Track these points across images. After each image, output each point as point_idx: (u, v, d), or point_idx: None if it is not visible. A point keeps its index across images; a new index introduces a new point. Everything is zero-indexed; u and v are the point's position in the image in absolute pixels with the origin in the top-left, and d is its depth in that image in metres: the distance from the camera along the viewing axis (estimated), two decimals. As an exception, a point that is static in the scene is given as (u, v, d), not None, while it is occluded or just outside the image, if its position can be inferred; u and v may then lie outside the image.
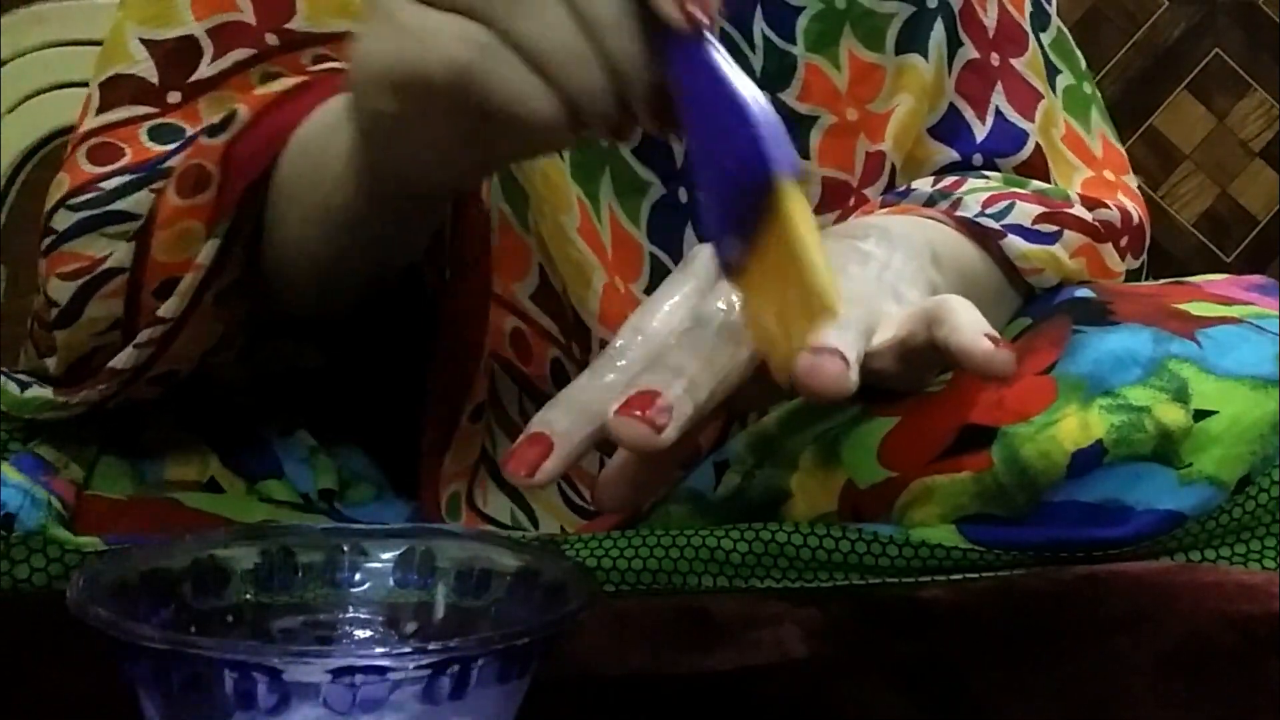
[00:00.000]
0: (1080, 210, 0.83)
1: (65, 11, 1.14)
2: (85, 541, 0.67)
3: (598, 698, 0.58)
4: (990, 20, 0.88)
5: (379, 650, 0.44)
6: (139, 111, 0.77)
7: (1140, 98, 2.31)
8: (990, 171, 0.87)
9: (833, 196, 0.84)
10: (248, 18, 0.77)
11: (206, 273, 0.69)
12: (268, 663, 0.43)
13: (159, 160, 0.73)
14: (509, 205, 0.78)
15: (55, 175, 0.79)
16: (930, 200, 0.81)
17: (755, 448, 0.75)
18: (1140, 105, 2.31)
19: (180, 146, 0.73)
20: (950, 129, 0.87)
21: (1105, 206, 0.84)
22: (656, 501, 0.76)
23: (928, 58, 0.85)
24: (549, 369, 0.80)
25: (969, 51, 0.87)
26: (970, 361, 0.57)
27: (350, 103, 0.60)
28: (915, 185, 0.84)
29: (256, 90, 0.74)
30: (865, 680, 0.60)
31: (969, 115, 0.87)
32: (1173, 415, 0.69)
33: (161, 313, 0.70)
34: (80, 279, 0.72)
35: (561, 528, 0.78)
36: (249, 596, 0.52)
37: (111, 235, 0.72)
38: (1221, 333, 0.72)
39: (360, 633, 0.53)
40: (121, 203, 0.72)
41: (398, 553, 0.53)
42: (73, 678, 0.57)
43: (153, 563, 0.50)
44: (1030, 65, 0.89)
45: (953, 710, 0.58)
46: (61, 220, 0.74)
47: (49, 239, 0.74)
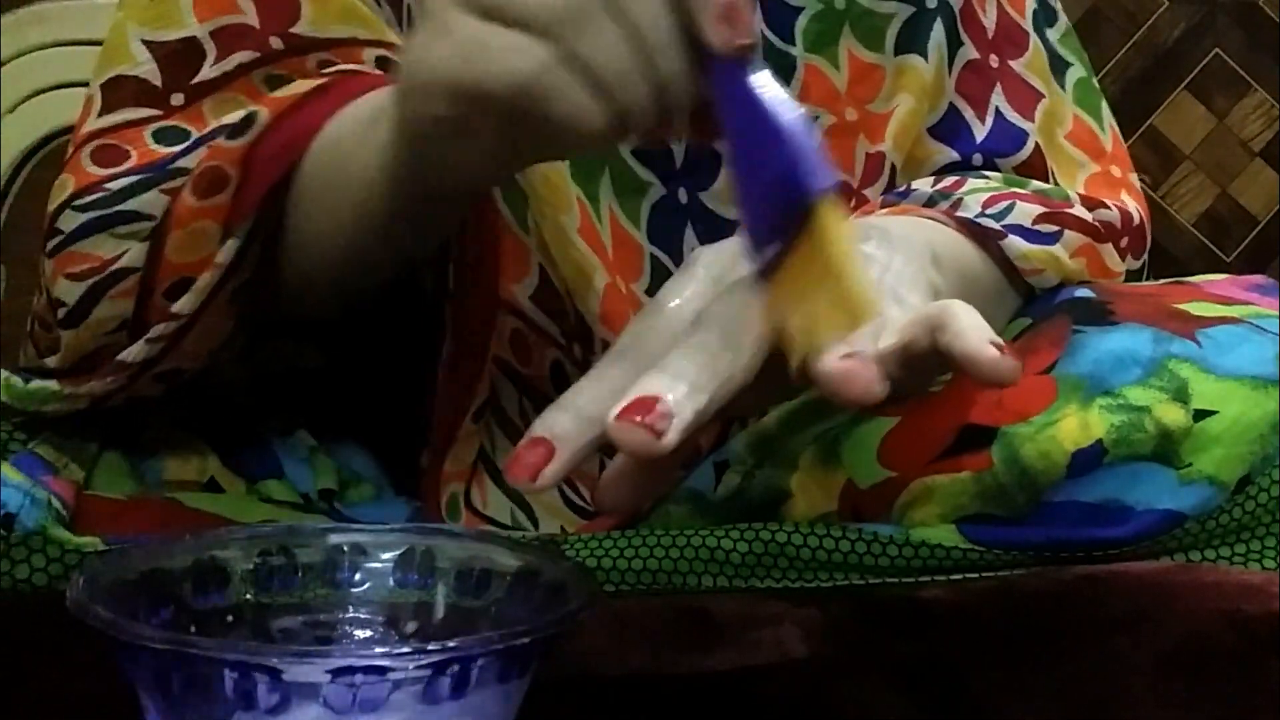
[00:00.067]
0: (1080, 210, 0.82)
1: (65, 11, 1.14)
2: (85, 541, 0.67)
3: (598, 698, 0.58)
4: (990, 21, 0.88)
5: (379, 650, 0.44)
6: (142, 114, 0.77)
7: (1140, 98, 2.31)
8: (990, 171, 0.86)
9: (833, 197, 0.83)
10: (251, 20, 0.77)
11: (225, 272, 0.70)
12: (268, 663, 0.43)
13: (168, 161, 0.73)
14: (509, 207, 0.78)
15: (55, 175, 0.79)
16: (930, 201, 0.81)
17: (755, 448, 0.75)
18: (1140, 105, 2.31)
19: (189, 147, 0.73)
20: (950, 129, 0.87)
21: (1105, 207, 0.84)
22: (656, 501, 0.76)
23: (927, 58, 0.85)
24: (549, 370, 0.80)
25: (969, 51, 0.87)
26: (975, 369, 0.57)
27: (395, 107, 0.61)
28: (915, 185, 0.84)
29: (264, 93, 0.74)
30: (865, 680, 0.60)
31: (969, 115, 0.87)
32: (1173, 415, 0.69)
33: (176, 309, 0.70)
34: (90, 279, 0.72)
35: (561, 528, 0.78)
36: (249, 596, 0.52)
37: (121, 235, 0.72)
38: (1221, 333, 0.72)
39: (360, 633, 0.53)
40: (131, 203, 0.72)
41: (398, 553, 0.53)
42: (73, 678, 0.57)
43: (153, 563, 0.50)
44: (1030, 66, 0.89)
45: (953, 710, 0.58)
46: (68, 221, 0.74)
47: (55, 240, 0.74)
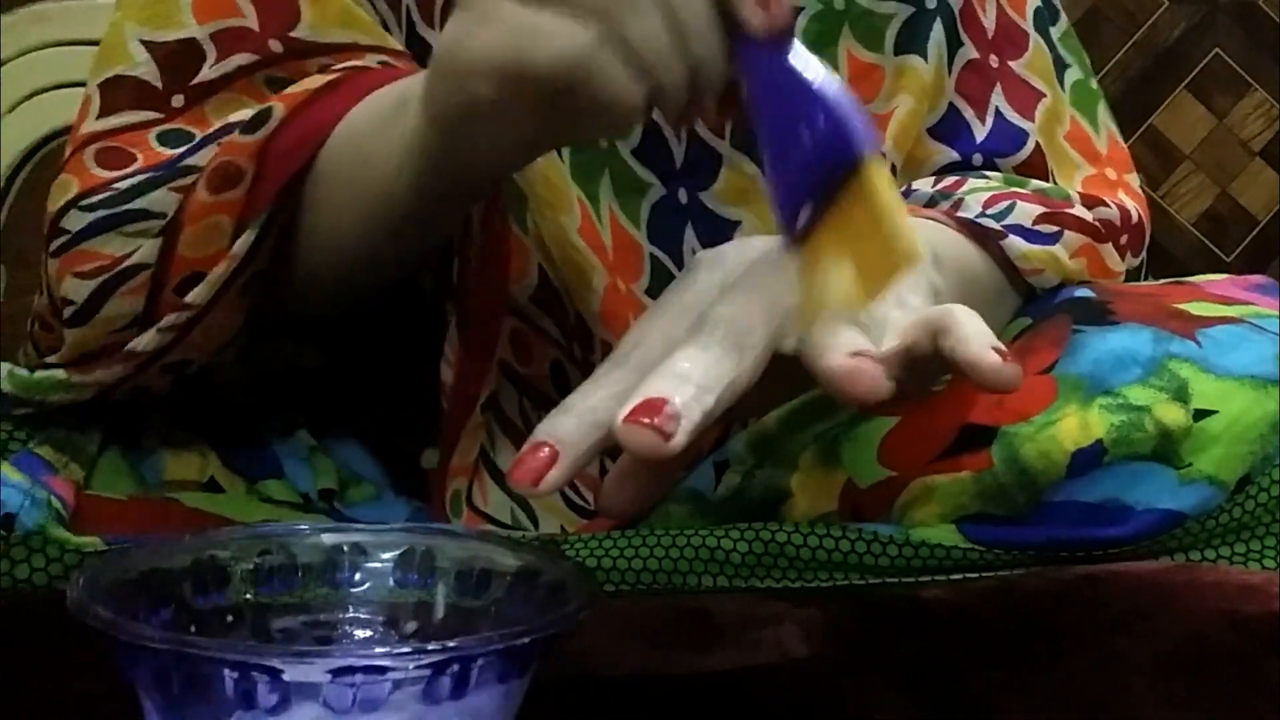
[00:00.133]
0: (1080, 210, 0.82)
1: (65, 11, 1.14)
2: (85, 541, 0.67)
3: (598, 698, 0.58)
4: (989, 21, 0.88)
5: (379, 650, 0.44)
6: (145, 117, 0.77)
7: (1140, 98, 2.31)
8: (990, 171, 0.86)
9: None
10: (251, 23, 0.77)
11: (239, 264, 0.70)
12: (268, 663, 0.43)
13: (176, 159, 0.73)
14: (508, 207, 0.78)
15: (55, 175, 0.79)
16: (931, 201, 0.81)
17: (755, 448, 0.75)
18: (1140, 105, 2.31)
19: (197, 145, 0.73)
20: (950, 129, 0.87)
21: (1105, 205, 0.84)
22: (656, 501, 0.76)
23: (927, 58, 0.85)
24: (549, 370, 0.80)
25: (969, 51, 0.87)
26: (977, 374, 0.57)
27: (427, 94, 0.63)
28: (916, 185, 0.84)
29: (267, 94, 0.74)
30: (865, 680, 0.60)
31: (969, 115, 0.87)
32: (1173, 415, 0.69)
33: (190, 299, 0.71)
34: (99, 277, 0.72)
35: (561, 527, 0.78)
36: (249, 596, 0.52)
37: (130, 234, 0.73)
38: (1221, 332, 0.72)
39: (360, 633, 0.52)
40: (140, 201, 0.73)
41: (398, 553, 0.53)
42: (73, 678, 0.57)
43: (153, 563, 0.50)
44: (1030, 66, 0.89)
45: (953, 710, 0.58)
46: (75, 221, 0.74)
47: (61, 239, 0.74)
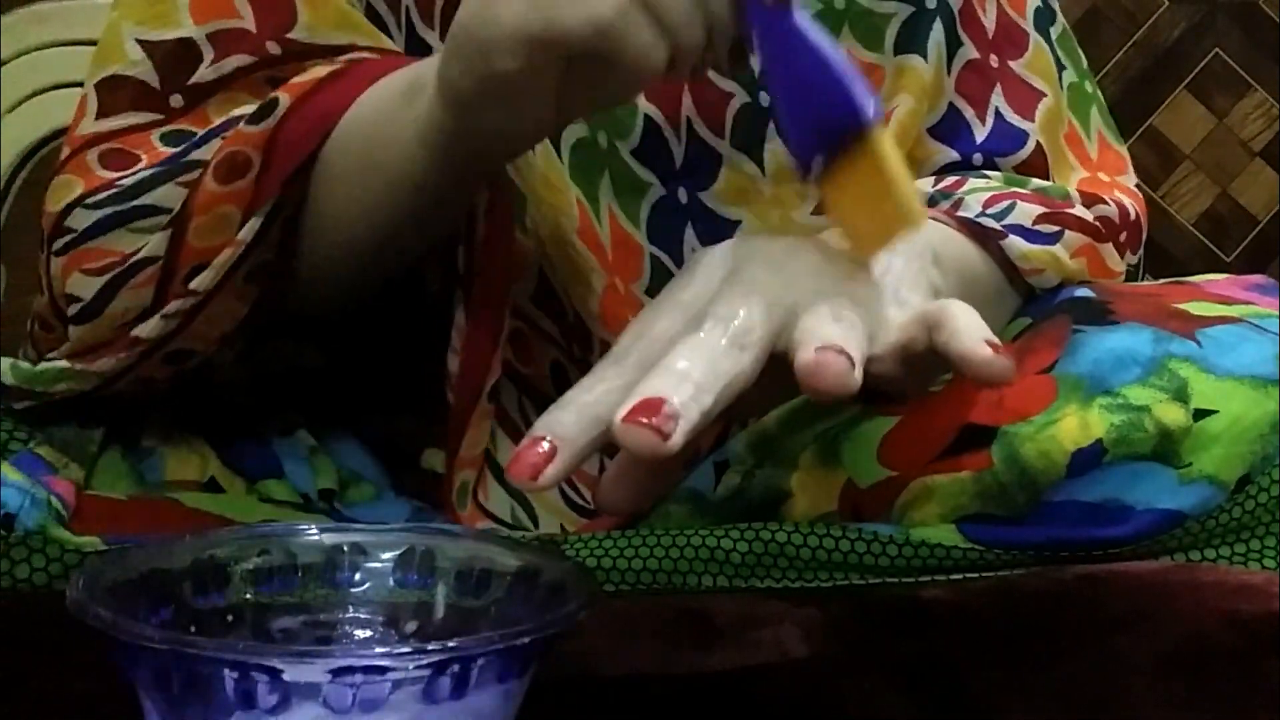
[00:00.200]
0: (1080, 210, 0.82)
1: (65, 11, 1.14)
2: (85, 541, 0.67)
3: (598, 698, 0.58)
4: (989, 21, 0.88)
5: (379, 650, 0.44)
6: (146, 118, 0.77)
7: (1140, 98, 2.31)
8: (990, 171, 0.86)
9: (833, 196, 0.83)
10: (248, 24, 0.77)
11: (244, 250, 0.70)
12: (268, 663, 0.43)
13: (181, 154, 0.73)
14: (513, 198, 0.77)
15: (54, 176, 0.79)
16: (931, 200, 0.81)
17: (755, 448, 0.75)
18: (1140, 105, 2.31)
19: (202, 140, 0.73)
20: (950, 129, 0.87)
21: (1104, 202, 0.84)
22: (656, 501, 0.76)
23: (927, 58, 0.85)
24: (548, 370, 0.80)
25: (969, 51, 0.87)
26: (970, 368, 0.57)
27: (445, 73, 0.64)
28: (916, 185, 0.84)
29: (269, 93, 0.74)
30: (865, 680, 0.60)
31: (969, 115, 0.87)
32: (1172, 415, 0.69)
33: (194, 285, 0.71)
34: (107, 274, 0.73)
35: (561, 526, 0.78)
36: (249, 596, 0.52)
37: (138, 230, 0.73)
38: (1221, 332, 0.72)
39: (360, 633, 0.52)
40: (147, 197, 0.73)
41: (398, 553, 0.53)
42: (73, 678, 0.57)
43: (153, 563, 0.50)
44: (1030, 65, 0.89)
45: (953, 710, 0.58)
46: (80, 219, 0.74)
47: (66, 238, 0.74)
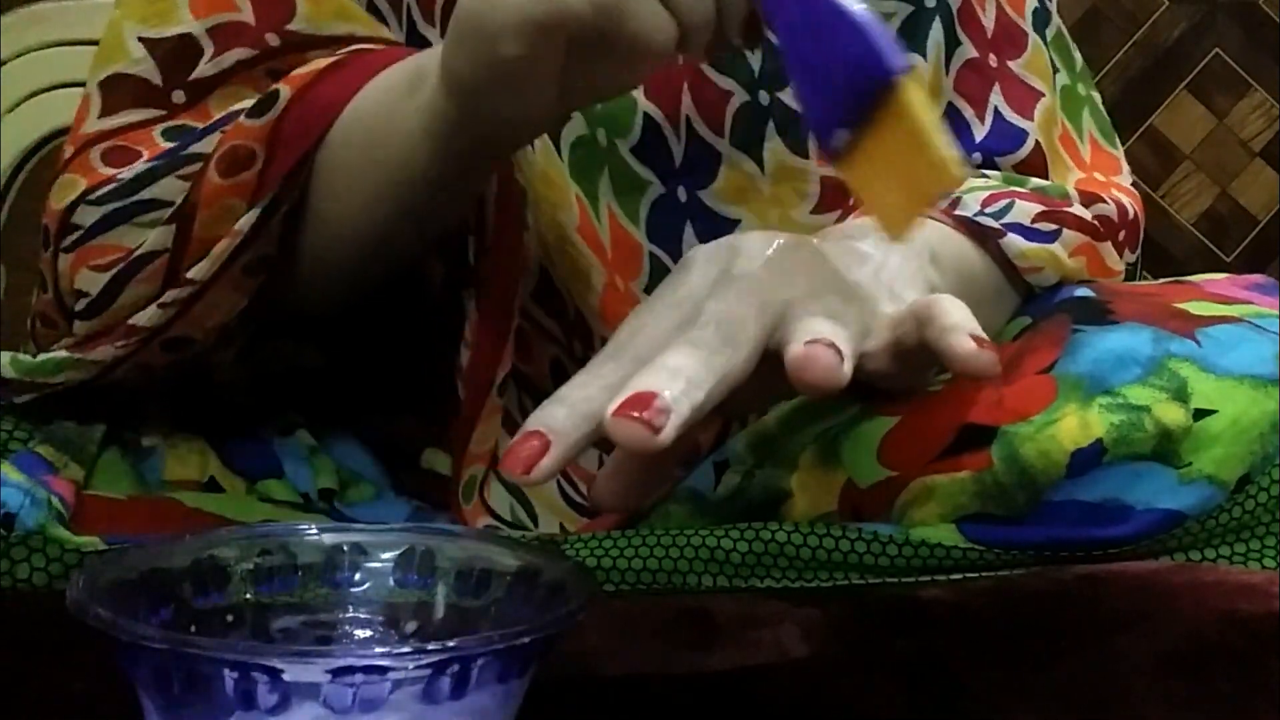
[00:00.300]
0: (1079, 209, 0.82)
1: (65, 11, 1.14)
2: (85, 541, 0.67)
3: (598, 698, 0.58)
4: (988, 21, 0.88)
5: (379, 650, 0.44)
6: (148, 115, 0.77)
7: (1140, 98, 2.31)
8: (989, 170, 0.86)
9: (833, 196, 0.84)
10: (247, 17, 0.77)
11: (242, 241, 0.70)
12: (268, 663, 0.43)
13: (181, 147, 0.73)
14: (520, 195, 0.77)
15: (55, 175, 0.79)
16: (930, 200, 0.81)
17: (755, 448, 0.75)
18: (1140, 105, 2.31)
19: (203, 133, 0.73)
20: (949, 128, 0.87)
21: (1103, 201, 0.84)
22: (656, 501, 0.76)
23: (926, 57, 0.85)
24: (549, 368, 0.80)
25: (967, 50, 0.87)
26: (953, 362, 0.57)
27: (449, 62, 0.63)
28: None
29: (267, 85, 0.74)
30: (865, 680, 0.60)
31: (968, 114, 0.87)
32: (1172, 414, 0.69)
33: (191, 275, 0.71)
34: (114, 269, 0.73)
35: (561, 525, 0.78)
36: (249, 596, 0.52)
37: (143, 225, 0.73)
38: (1221, 332, 0.72)
39: (360, 633, 0.52)
40: (149, 191, 0.73)
41: (398, 553, 0.53)
42: (73, 678, 0.57)
43: (153, 563, 0.50)
44: (1029, 65, 0.89)
45: (953, 710, 0.58)
46: (86, 216, 0.74)
47: (74, 235, 0.74)
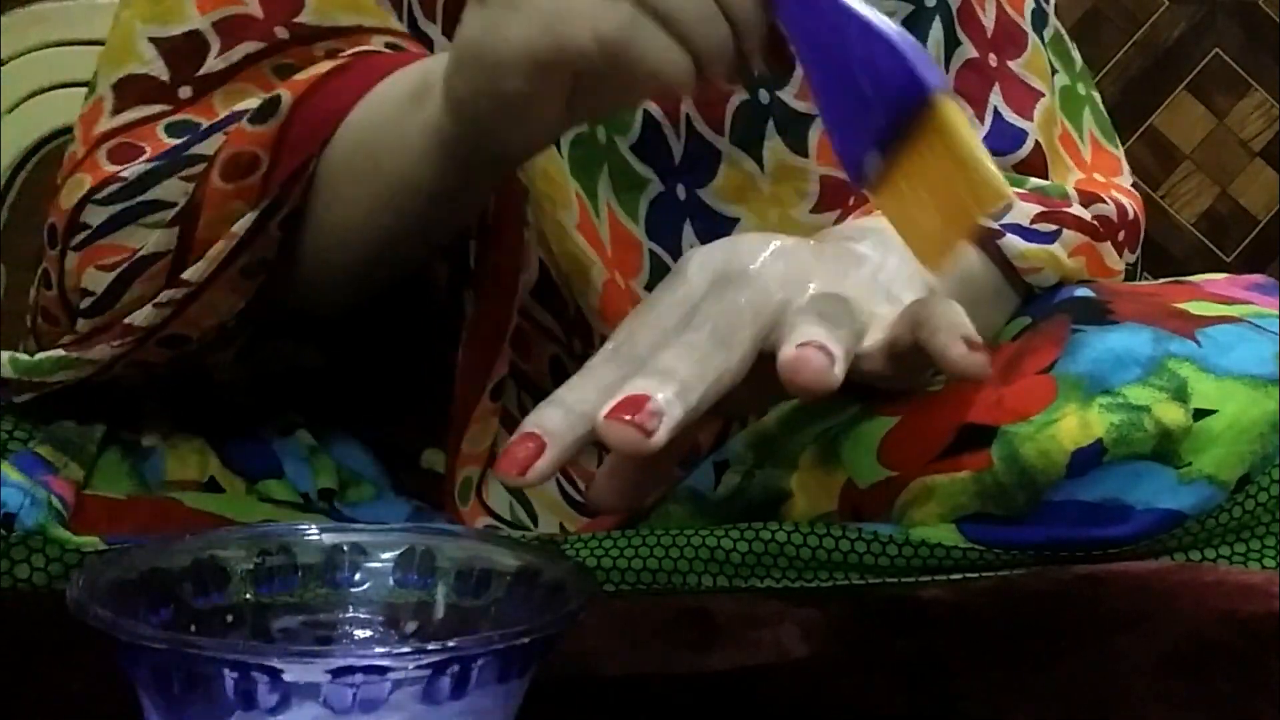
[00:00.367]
0: (1078, 209, 0.82)
1: (65, 11, 1.14)
2: (85, 541, 0.67)
3: (598, 698, 0.58)
4: (988, 20, 0.88)
5: (379, 650, 0.44)
6: (154, 110, 0.77)
7: (1140, 98, 2.31)
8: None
9: (832, 195, 0.83)
10: (254, 11, 0.77)
11: (239, 244, 0.70)
12: (268, 663, 0.43)
13: (182, 148, 0.73)
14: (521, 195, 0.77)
15: (55, 175, 0.79)
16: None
17: (755, 448, 0.75)
18: (1140, 105, 2.31)
19: (203, 134, 0.73)
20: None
21: (1102, 201, 0.84)
22: (656, 501, 0.76)
23: (926, 57, 0.85)
24: (548, 366, 0.80)
25: (967, 50, 0.87)
26: (944, 364, 0.57)
27: (452, 87, 0.62)
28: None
29: (275, 83, 0.74)
30: (865, 680, 0.60)
31: (968, 114, 0.87)
32: (1172, 414, 0.69)
33: (186, 276, 0.71)
34: (118, 269, 0.73)
35: (561, 525, 0.78)
36: (249, 596, 0.52)
37: (148, 225, 0.73)
38: (1221, 332, 0.72)
39: (360, 633, 0.52)
40: (152, 192, 0.73)
41: (398, 553, 0.53)
42: (73, 678, 0.57)
43: (153, 563, 0.50)
44: (1029, 65, 0.89)
45: (953, 710, 0.58)
46: (94, 215, 0.74)
47: (83, 234, 0.74)
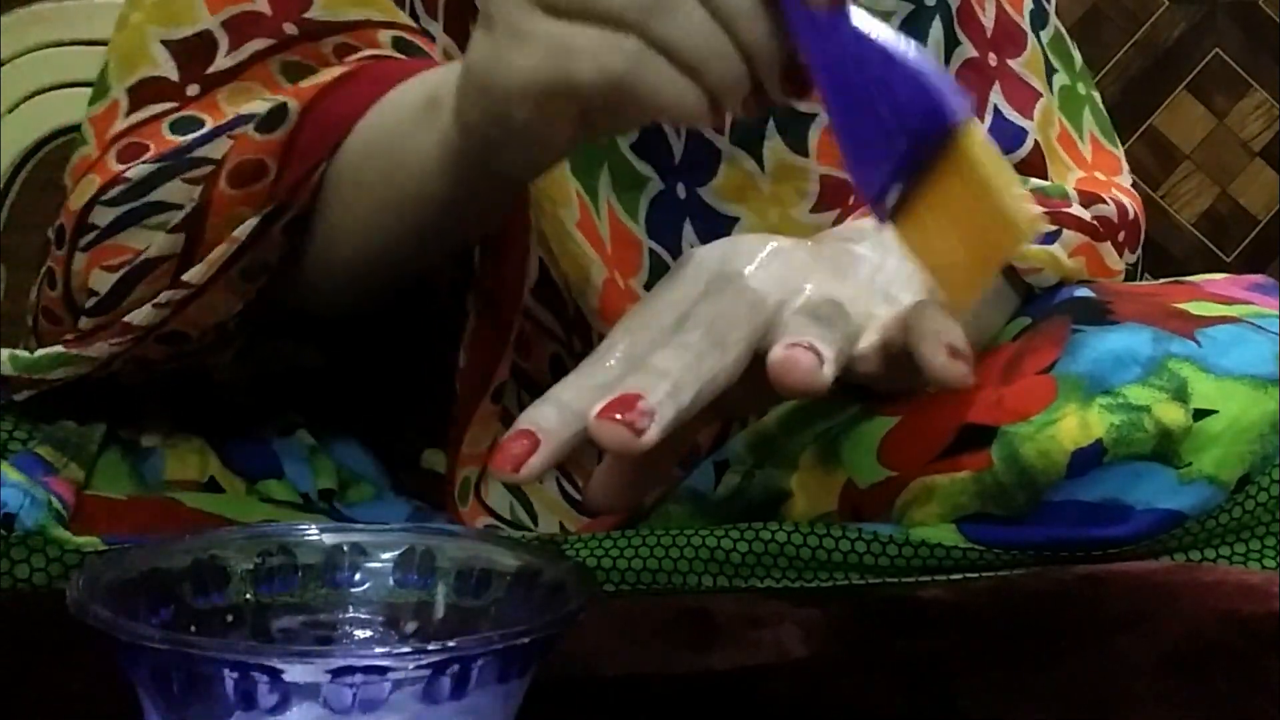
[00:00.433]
0: (1078, 209, 0.82)
1: (65, 11, 1.14)
2: (85, 541, 0.67)
3: (598, 698, 0.58)
4: (988, 20, 0.88)
5: (379, 650, 0.44)
6: (161, 108, 0.77)
7: (1140, 98, 2.31)
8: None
9: (832, 195, 0.83)
10: (263, 8, 0.77)
11: (240, 247, 0.70)
12: (268, 663, 0.43)
13: (185, 149, 0.73)
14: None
15: (55, 175, 0.79)
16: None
17: (755, 448, 0.75)
18: (1140, 105, 2.31)
19: (207, 136, 0.73)
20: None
21: (1102, 201, 0.84)
22: (656, 501, 0.76)
23: (926, 57, 0.85)
24: (548, 364, 0.80)
25: (967, 50, 0.87)
26: (927, 371, 0.57)
27: (461, 111, 0.61)
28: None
29: (281, 82, 0.74)
30: (865, 680, 0.60)
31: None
32: (1172, 415, 0.69)
33: (187, 278, 0.71)
34: (123, 269, 0.73)
35: (561, 524, 0.78)
36: (249, 596, 0.52)
37: (152, 226, 0.73)
38: (1221, 332, 0.72)
39: (360, 633, 0.52)
40: (157, 193, 0.73)
41: (398, 553, 0.53)
42: (73, 678, 0.57)
43: (153, 563, 0.50)
44: (1029, 65, 0.89)
45: (953, 710, 0.58)
46: (102, 216, 0.74)
47: (91, 235, 0.74)
